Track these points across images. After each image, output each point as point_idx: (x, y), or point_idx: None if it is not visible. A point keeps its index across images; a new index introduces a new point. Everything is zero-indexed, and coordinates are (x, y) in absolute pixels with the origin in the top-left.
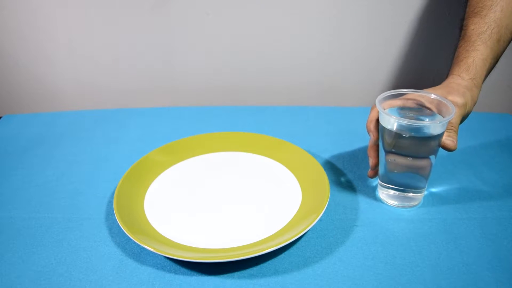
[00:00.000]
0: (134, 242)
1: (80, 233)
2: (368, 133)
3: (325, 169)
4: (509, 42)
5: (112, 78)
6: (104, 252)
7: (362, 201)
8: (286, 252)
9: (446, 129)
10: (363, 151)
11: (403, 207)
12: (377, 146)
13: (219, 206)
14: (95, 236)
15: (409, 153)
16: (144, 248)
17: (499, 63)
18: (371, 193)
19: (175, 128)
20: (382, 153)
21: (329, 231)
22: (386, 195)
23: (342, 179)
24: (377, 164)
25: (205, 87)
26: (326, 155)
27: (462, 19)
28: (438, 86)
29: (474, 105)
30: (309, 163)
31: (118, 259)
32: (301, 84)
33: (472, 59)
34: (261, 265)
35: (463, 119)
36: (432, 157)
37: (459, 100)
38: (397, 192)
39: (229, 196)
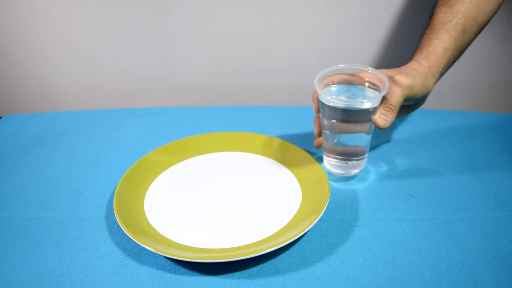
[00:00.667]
0: (134, 242)
1: (80, 233)
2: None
3: (325, 169)
4: (476, 35)
5: (112, 78)
6: (104, 252)
7: (362, 201)
8: (286, 252)
9: (383, 106)
10: None
11: (347, 175)
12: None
13: (219, 206)
14: (95, 236)
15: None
16: (144, 248)
17: (498, 63)
18: (371, 193)
19: (175, 128)
20: (322, 125)
21: (329, 231)
22: (330, 164)
23: (342, 179)
24: (320, 133)
25: (205, 87)
26: None
27: (432, 7)
28: (394, 68)
29: (427, 94)
30: (309, 163)
31: (118, 259)
32: (301, 84)
33: (433, 47)
34: (261, 265)
35: (412, 106)
36: (366, 130)
37: (404, 80)
38: (339, 161)
39: (229, 196)
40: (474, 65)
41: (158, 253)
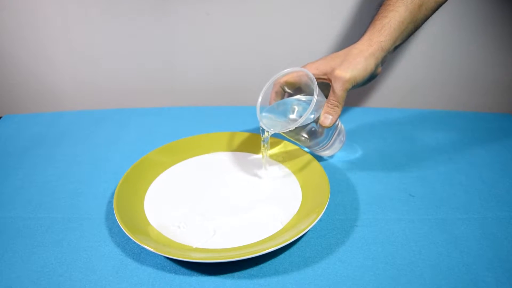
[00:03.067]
0: (134, 242)
1: (80, 233)
2: None
3: (325, 169)
4: (433, 12)
5: (112, 78)
6: (104, 252)
7: (362, 201)
8: (286, 252)
9: (327, 104)
10: (363, 151)
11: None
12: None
13: (219, 206)
14: (95, 236)
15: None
16: (144, 248)
17: (500, 63)
18: (372, 193)
19: (175, 128)
20: None
21: (329, 231)
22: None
23: (342, 179)
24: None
25: (205, 87)
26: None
27: None
28: (338, 54)
29: (374, 74)
30: (309, 163)
31: (118, 259)
32: None
33: (388, 20)
34: (261, 265)
35: (359, 84)
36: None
37: (344, 74)
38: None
39: (229, 196)
40: (476, 65)
41: (158, 253)
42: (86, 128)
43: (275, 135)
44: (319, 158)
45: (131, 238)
